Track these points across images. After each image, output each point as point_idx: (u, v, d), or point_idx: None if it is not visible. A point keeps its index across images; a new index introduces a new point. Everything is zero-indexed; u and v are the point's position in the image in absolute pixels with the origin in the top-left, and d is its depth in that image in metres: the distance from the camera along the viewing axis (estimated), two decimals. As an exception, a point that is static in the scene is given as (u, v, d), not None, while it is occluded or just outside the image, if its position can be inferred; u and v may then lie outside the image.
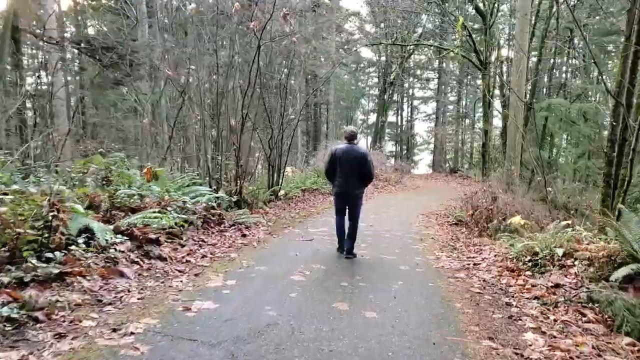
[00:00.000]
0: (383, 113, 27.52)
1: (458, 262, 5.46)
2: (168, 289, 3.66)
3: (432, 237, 7.50)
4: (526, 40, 13.56)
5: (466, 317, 3.51)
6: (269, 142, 10.55)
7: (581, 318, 3.66)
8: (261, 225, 6.82)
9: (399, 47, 28.20)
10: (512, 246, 5.76)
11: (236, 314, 3.19)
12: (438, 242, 7.16)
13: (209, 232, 5.63)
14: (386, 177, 20.07)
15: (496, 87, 20.71)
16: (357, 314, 3.36)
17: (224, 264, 4.57)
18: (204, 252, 4.83)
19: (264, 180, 10.81)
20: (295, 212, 9.43)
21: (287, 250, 5.42)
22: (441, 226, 9.69)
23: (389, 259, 5.35)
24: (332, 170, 5.20)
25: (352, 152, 5.09)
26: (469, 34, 15.30)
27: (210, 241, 5.25)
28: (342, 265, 4.89)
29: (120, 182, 5.45)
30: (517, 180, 13.89)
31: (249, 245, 5.53)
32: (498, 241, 6.77)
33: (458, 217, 10.37)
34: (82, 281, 3.28)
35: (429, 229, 8.74)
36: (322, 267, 4.72)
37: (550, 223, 7.87)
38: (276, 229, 6.96)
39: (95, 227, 3.87)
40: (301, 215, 8.92)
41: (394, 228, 8.18)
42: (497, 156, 19.50)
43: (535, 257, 4.88)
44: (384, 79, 27.61)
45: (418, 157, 36.03)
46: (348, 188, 5.15)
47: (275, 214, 8.48)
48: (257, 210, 8.09)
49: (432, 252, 6.17)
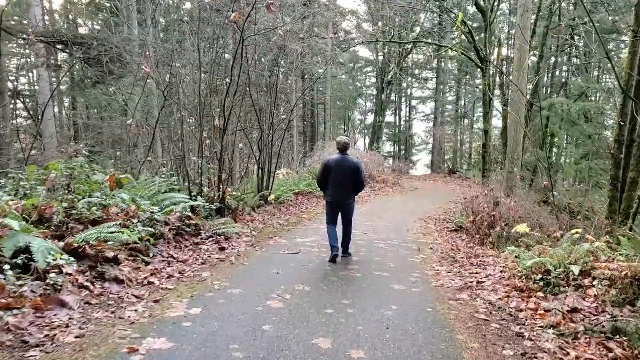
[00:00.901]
0: (381, 113, 26.98)
1: (460, 279, 4.89)
2: (117, 322, 3.08)
3: (430, 247, 6.94)
4: (528, 36, 13.05)
5: (471, 355, 2.94)
6: (258, 143, 9.98)
7: (607, 354, 3.10)
8: (244, 236, 6.24)
9: (397, 46, 27.71)
10: (519, 260, 5.20)
11: (193, 357, 2.62)
12: (437, 252, 6.59)
13: (183, 245, 5.05)
14: (383, 178, 19.52)
15: (496, 87, 20.19)
16: (342, 354, 2.79)
17: (192, 285, 3.99)
18: (171, 271, 4.25)
19: (255, 184, 10.23)
20: (285, 218, 8.85)
21: (269, 267, 4.84)
22: (440, 233, 9.13)
23: (383, 277, 4.78)
24: (325, 180, 5.34)
25: (345, 163, 5.25)
26: (469, 30, 14.74)
27: (182, 257, 4.67)
28: (328, 284, 4.32)
29: (83, 192, 4.87)
30: (519, 182, 13.37)
31: (227, 260, 4.95)
32: (503, 253, 6.21)
33: (458, 223, 9.82)
34: (5, 317, 2.70)
35: (428, 236, 8.18)
36: (306, 288, 4.14)
37: (557, 230, 7.33)
38: (261, 239, 6.37)
39: (36, 247, 3.29)
40: (291, 223, 8.35)
41: (390, 236, 7.62)
42: (498, 157, 18.98)
43: (548, 276, 4.31)
44: (382, 79, 27.08)
45: (416, 157, 35.51)
46: (340, 197, 5.29)
47: (262, 222, 7.90)
48: (242, 218, 7.52)
49: (431, 265, 5.61)
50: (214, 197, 6.91)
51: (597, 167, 18.13)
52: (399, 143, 34.99)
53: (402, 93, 35.30)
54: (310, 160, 19.31)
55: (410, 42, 16.84)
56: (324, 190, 5.44)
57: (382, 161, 22.81)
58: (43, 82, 13.26)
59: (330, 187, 5.27)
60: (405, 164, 27.35)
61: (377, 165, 20.48)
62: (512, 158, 13.54)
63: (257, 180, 10.01)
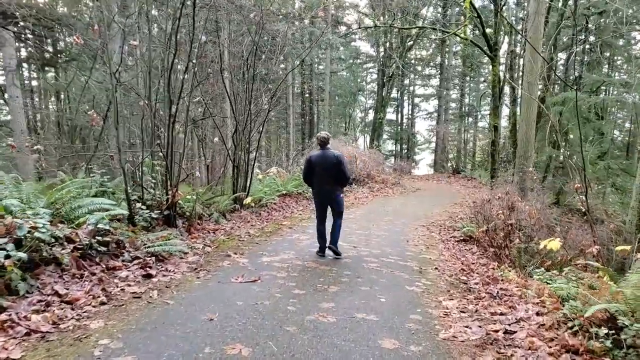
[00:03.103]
0: (381, 109, 25.46)
1: (478, 325, 3.41)
2: None
3: (435, 267, 5.46)
4: (541, 22, 11.59)
5: None
6: (232, 137, 8.52)
7: None
8: (191, 254, 4.77)
9: (399, 39, 26.16)
10: (560, 295, 3.72)
11: None
12: (444, 275, 5.11)
13: (86, 273, 3.59)
14: (383, 178, 18.03)
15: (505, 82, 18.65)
16: None
17: (59, 348, 2.53)
18: (39, 320, 2.78)
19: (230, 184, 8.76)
20: (260, 226, 7.39)
21: (203, 307, 3.35)
22: (446, 244, 7.66)
23: (368, 323, 3.31)
24: (309, 175, 5.45)
25: (325, 157, 5.30)
26: (477, 14, 13.23)
27: (73, 294, 3.21)
28: (281, 342, 2.85)
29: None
30: (535, 183, 11.89)
31: (144, 296, 3.48)
32: (532, 279, 4.74)
33: (467, 232, 8.34)
34: None
35: (431, 249, 6.70)
36: (245, 351, 2.67)
37: (591, 245, 5.85)
38: (213, 258, 4.89)
39: None
40: (265, 232, 6.88)
41: (385, 250, 6.14)
42: (508, 155, 17.48)
43: (617, 331, 2.83)
44: (383, 72, 25.57)
45: (419, 156, 33.99)
46: (325, 191, 5.37)
47: (228, 232, 6.43)
48: (201, 228, 6.05)
49: (437, 297, 4.13)
50: (161, 203, 5.44)
51: (617, 167, 16.65)
52: (401, 141, 33.49)
53: (404, 90, 33.76)
54: (304, 159, 17.84)
55: (414, 27, 15.31)
56: (310, 186, 5.54)
57: (382, 160, 21.28)
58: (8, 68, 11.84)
59: (314, 183, 5.38)
60: (407, 163, 25.81)
61: (377, 164, 18.97)
62: (524, 156, 12.07)
63: (231, 180, 8.56)
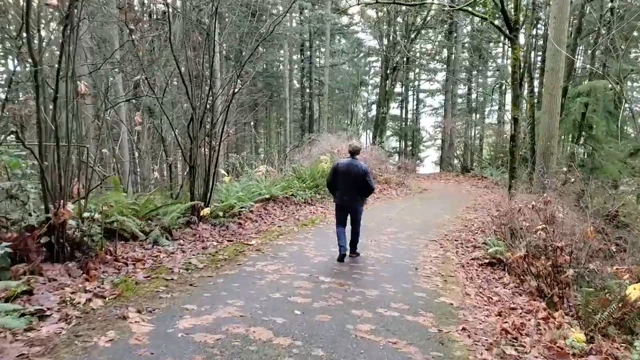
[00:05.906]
0: (385, 103, 23.43)
1: None
2: None
3: (462, 325, 3.47)
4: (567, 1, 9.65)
5: None
6: (187, 128, 6.56)
7: None
8: (54, 318, 2.83)
9: (404, 27, 24.12)
10: None
11: None
12: (479, 346, 3.14)
13: None
14: (386, 177, 16.06)
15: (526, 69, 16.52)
16: None
17: None
18: None
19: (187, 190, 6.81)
20: (216, 249, 5.45)
21: None
22: (467, 270, 5.69)
23: None
24: (334, 182, 5.45)
25: (352, 167, 5.29)
26: (495, -14, 11.20)
27: None
28: None
29: None
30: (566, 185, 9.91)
31: None
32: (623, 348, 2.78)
33: (493, 253, 6.33)
34: None
35: (450, 285, 4.71)
36: None
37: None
38: (91, 325, 2.92)
39: None
40: (217, 259, 4.91)
41: (385, 289, 4.17)
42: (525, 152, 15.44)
43: None
44: (386, 64, 23.52)
45: (424, 154, 31.86)
46: (348, 200, 5.37)
47: (158, 261, 4.48)
48: (110, 259, 4.11)
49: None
50: (31, 226, 3.51)
51: (653, 166, 14.56)
52: (405, 138, 31.45)
53: (409, 84, 31.68)
54: (299, 156, 15.77)
55: (420, 3, 13.23)
56: (333, 192, 5.54)
57: (385, 157, 19.25)
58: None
59: (338, 190, 5.40)
60: (412, 161, 23.71)
61: (379, 162, 16.96)
62: (546, 153, 10.11)
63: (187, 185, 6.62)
